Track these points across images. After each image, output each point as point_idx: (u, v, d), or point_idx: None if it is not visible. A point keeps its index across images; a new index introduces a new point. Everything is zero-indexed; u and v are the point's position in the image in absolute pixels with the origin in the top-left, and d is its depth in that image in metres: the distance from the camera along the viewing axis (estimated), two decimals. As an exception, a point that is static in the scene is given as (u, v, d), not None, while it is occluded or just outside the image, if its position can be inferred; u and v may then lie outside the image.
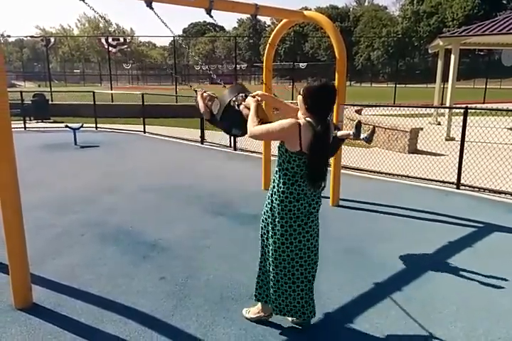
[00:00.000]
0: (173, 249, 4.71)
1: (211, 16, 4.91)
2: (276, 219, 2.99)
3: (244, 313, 3.40)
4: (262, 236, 3.22)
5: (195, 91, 4.88)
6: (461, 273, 4.19)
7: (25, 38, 74.47)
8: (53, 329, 3.22)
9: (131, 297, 3.69)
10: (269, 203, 3.06)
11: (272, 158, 7.45)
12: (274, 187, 3.02)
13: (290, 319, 3.32)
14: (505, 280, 4.04)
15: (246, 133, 3.24)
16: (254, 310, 3.38)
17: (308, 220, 2.99)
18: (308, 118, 2.86)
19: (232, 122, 4.19)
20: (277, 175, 3.00)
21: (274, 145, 3.73)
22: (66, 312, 3.45)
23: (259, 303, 3.33)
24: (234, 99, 4.12)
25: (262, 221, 3.17)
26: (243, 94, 4.15)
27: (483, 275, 4.13)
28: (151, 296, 3.71)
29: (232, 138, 10.96)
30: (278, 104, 3.52)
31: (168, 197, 6.72)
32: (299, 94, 2.95)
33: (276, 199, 2.98)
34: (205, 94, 4.84)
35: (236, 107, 4.16)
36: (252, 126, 3.02)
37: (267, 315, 3.32)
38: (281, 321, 3.33)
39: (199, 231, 5.25)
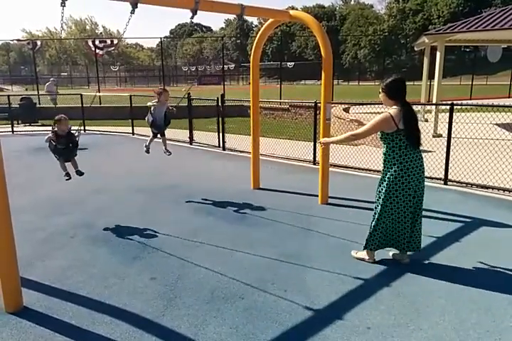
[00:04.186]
0: (163, 249, 4.71)
1: (192, 17, 4.95)
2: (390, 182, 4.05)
3: (353, 254, 4.49)
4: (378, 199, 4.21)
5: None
6: (449, 266, 4.24)
7: (11, 42, 73.83)
8: (44, 332, 3.21)
9: (121, 298, 3.69)
10: (385, 174, 4.10)
11: (261, 157, 7.49)
12: (387, 162, 4.06)
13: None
14: (493, 272, 4.11)
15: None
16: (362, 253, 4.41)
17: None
18: (394, 106, 3.97)
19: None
20: (388, 155, 4.04)
21: (264, 145, 3.74)
22: (57, 314, 3.45)
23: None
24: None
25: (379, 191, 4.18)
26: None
27: (470, 269, 4.19)
28: (142, 297, 3.71)
29: (221, 138, 11.00)
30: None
31: (157, 198, 6.72)
32: (379, 93, 4.07)
33: (392, 169, 4.01)
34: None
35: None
36: (352, 133, 4.23)
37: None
38: (270, 319, 3.36)
39: (189, 231, 5.26)
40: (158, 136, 7.06)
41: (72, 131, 5.79)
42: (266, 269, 4.23)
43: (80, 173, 6.11)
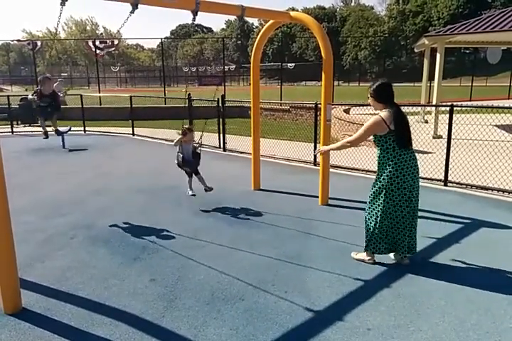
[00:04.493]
0: (163, 250, 4.71)
1: (194, 19, 4.95)
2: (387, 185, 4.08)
3: (353, 255, 4.50)
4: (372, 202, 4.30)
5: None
6: (449, 267, 4.24)
7: (11, 42, 73.87)
8: (43, 334, 3.21)
9: (121, 299, 3.68)
10: (380, 176, 4.13)
11: (261, 158, 7.48)
12: (381, 164, 4.09)
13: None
14: (492, 273, 4.10)
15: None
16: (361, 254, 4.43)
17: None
18: (384, 110, 4.06)
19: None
20: (383, 157, 4.08)
21: (264, 146, 3.73)
22: (56, 316, 3.44)
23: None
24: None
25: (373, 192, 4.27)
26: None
27: (469, 269, 4.18)
28: (142, 298, 3.70)
29: (221, 138, 11.01)
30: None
31: (157, 198, 6.72)
32: (368, 97, 4.19)
33: (387, 170, 4.04)
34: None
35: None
36: (347, 140, 4.28)
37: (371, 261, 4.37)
38: (271, 320, 3.36)
39: (189, 232, 5.25)
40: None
41: (57, 92, 6.39)
42: (266, 270, 4.22)
43: (58, 133, 6.56)
